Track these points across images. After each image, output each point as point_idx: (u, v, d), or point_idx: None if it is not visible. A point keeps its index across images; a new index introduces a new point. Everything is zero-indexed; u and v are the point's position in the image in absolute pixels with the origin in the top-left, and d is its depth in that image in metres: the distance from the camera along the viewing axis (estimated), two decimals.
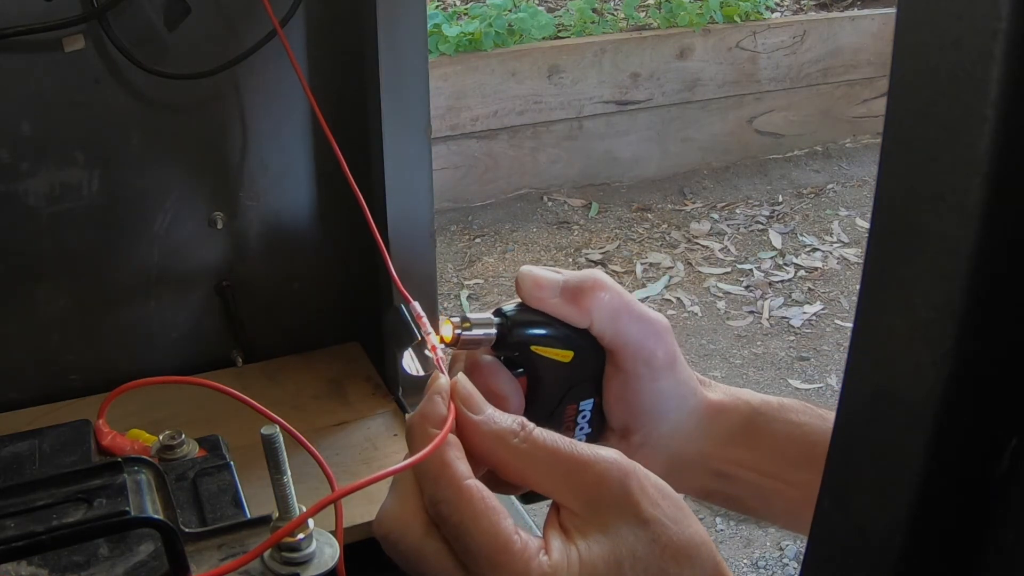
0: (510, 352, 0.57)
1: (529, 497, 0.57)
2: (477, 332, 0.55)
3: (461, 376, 0.51)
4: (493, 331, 0.55)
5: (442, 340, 0.55)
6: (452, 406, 0.49)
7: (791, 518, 0.61)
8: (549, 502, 0.49)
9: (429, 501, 0.46)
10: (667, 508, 0.46)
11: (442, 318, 0.56)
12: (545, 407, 0.58)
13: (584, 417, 0.59)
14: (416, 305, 0.57)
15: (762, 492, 0.60)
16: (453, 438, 0.47)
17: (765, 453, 0.60)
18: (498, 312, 0.57)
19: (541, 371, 0.57)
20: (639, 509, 0.45)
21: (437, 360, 0.54)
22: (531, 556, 0.44)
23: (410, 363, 0.55)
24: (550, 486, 0.47)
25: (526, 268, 0.57)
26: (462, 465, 0.46)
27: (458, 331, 0.55)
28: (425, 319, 0.56)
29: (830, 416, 0.60)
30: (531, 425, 0.48)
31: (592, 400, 0.59)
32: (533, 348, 0.56)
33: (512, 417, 0.49)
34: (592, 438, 0.61)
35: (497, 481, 0.50)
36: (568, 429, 0.59)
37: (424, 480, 0.47)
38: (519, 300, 0.57)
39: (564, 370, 0.57)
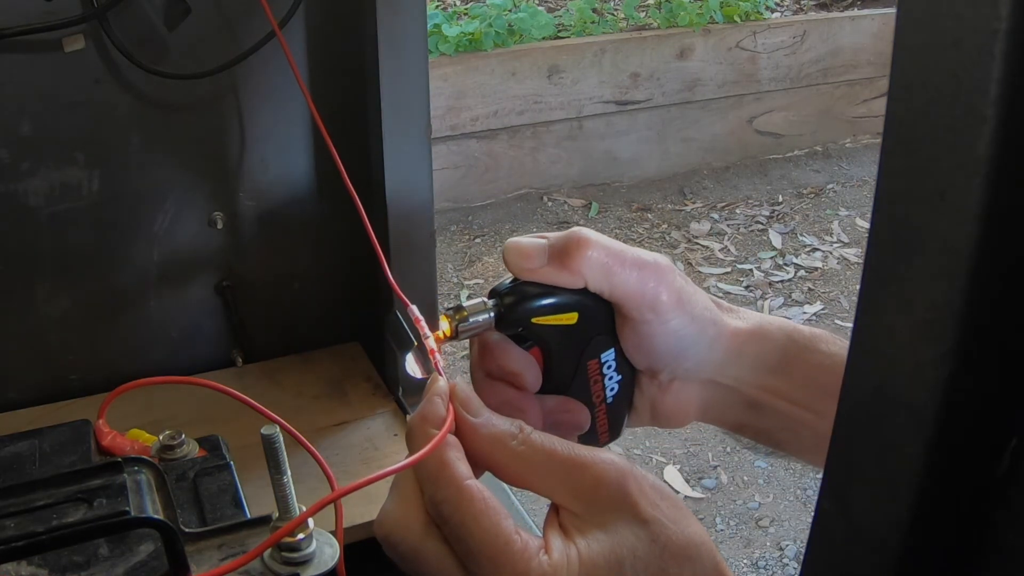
0: (514, 329, 0.56)
1: None
2: (474, 319, 0.55)
3: (460, 379, 0.51)
4: (490, 314, 0.55)
5: (443, 335, 0.55)
6: (451, 408, 0.49)
7: (817, 452, 0.59)
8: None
9: (429, 502, 0.46)
10: (666, 508, 0.46)
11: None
12: (564, 372, 0.58)
13: (609, 367, 0.59)
14: (413, 308, 0.57)
15: (792, 424, 0.59)
16: (453, 439, 0.48)
17: (798, 382, 0.59)
18: (493, 292, 0.56)
19: (550, 340, 0.57)
20: (638, 509, 0.45)
21: (435, 363, 0.54)
22: (531, 556, 0.44)
23: (413, 367, 0.55)
24: (548, 487, 0.47)
25: (511, 240, 0.56)
26: (462, 466, 0.46)
27: (455, 323, 0.55)
28: (423, 322, 0.56)
29: None
30: (529, 428, 0.48)
31: (612, 349, 0.59)
32: (534, 321, 0.56)
33: (510, 420, 0.49)
34: (624, 383, 0.60)
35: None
36: (596, 383, 0.59)
37: (424, 481, 0.47)
38: (511, 276, 0.57)
39: (572, 333, 0.57)
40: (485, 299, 0.56)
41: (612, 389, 0.60)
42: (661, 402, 0.61)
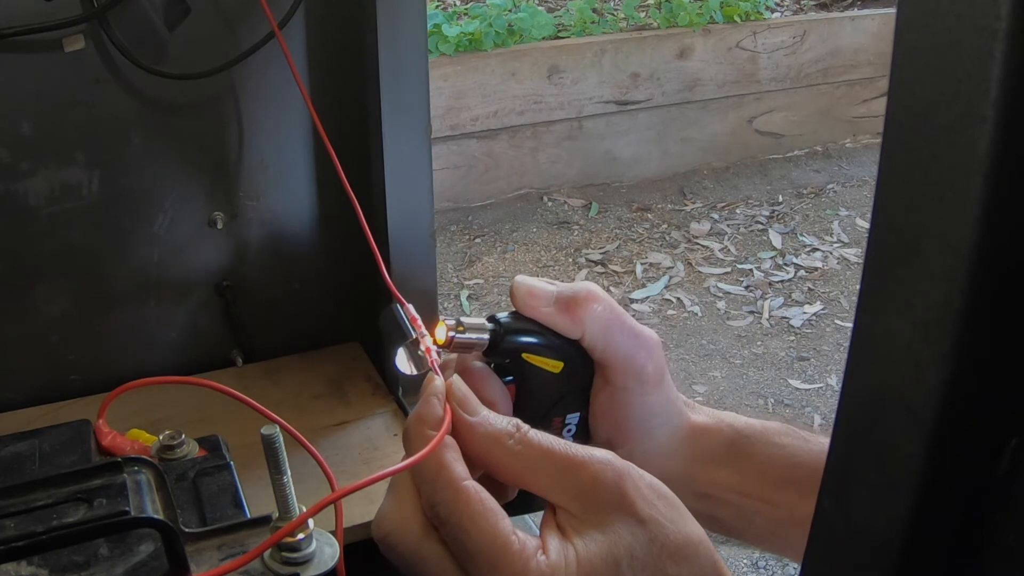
0: (501, 359, 0.57)
1: (516, 508, 0.57)
2: (470, 336, 0.55)
3: (456, 378, 0.51)
4: (486, 336, 0.56)
5: (435, 342, 0.55)
6: (448, 408, 0.49)
7: (773, 539, 0.62)
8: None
9: (427, 503, 0.46)
10: (663, 507, 0.46)
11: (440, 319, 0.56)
12: (532, 417, 0.58)
13: (569, 431, 0.60)
14: (410, 308, 0.57)
15: (744, 513, 0.61)
16: (450, 440, 0.48)
17: (748, 475, 0.60)
18: (492, 318, 0.57)
19: (531, 380, 0.57)
20: (635, 509, 0.46)
21: (432, 362, 0.54)
22: (529, 556, 0.44)
23: (403, 362, 0.55)
24: (545, 487, 0.47)
25: (520, 278, 0.57)
26: (459, 467, 0.46)
27: (451, 333, 0.55)
28: (419, 320, 0.56)
29: (812, 438, 0.61)
30: (526, 427, 0.49)
31: (579, 414, 0.59)
32: (524, 356, 0.57)
33: (507, 419, 0.49)
34: None
35: (492, 484, 0.50)
36: None
37: (422, 482, 0.47)
38: (513, 309, 0.58)
39: (553, 380, 0.58)
40: (485, 321, 0.57)
41: None
42: None
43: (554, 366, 0.57)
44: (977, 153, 0.25)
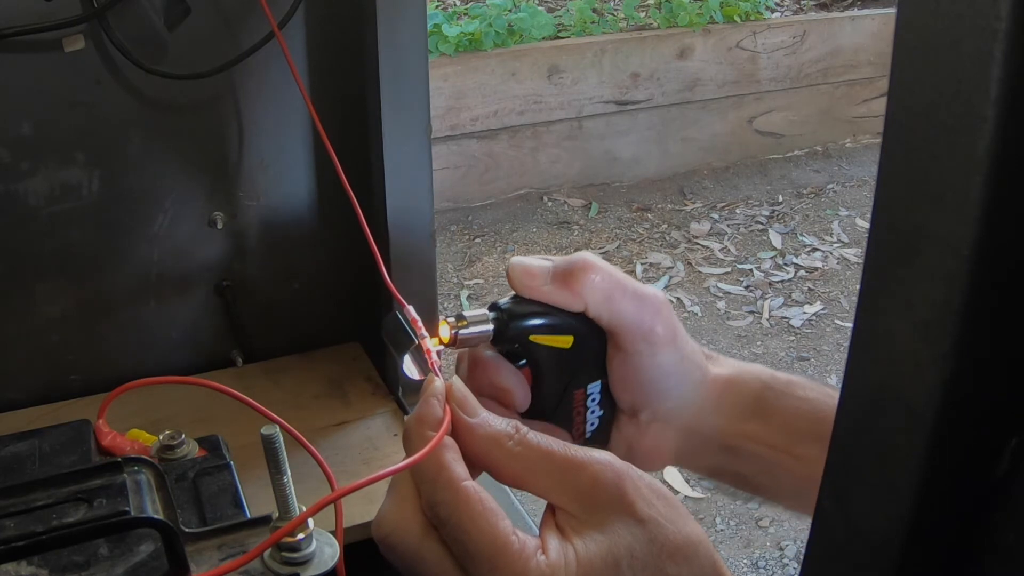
0: (509, 345, 0.57)
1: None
2: (474, 329, 0.55)
3: (456, 379, 0.51)
4: (490, 327, 0.56)
5: (440, 341, 0.55)
6: (448, 409, 0.49)
7: (797, 496, 0.61)
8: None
9: (427, 503, 0.46)
10: (662, 508, 0.46)
11: (441, 319, 0.56)
12: (552, 396, 0.58)
13: (593, 400, 0.59)
14: (411, 309, 0.57)
15: (770, 468, 0.60)
16: (450, 440, 0.48)
17: (775, 427, 0.60)
18: (493, 306, 0.57)
19: (543, 360, 0.57)
20: (635, 509, 0.46)
21: (432, 363, 0.54)
22: (529, 556, 0.44)
23: (410, 368, 0.55)
24: (545, 488, 0.47)
25: (516, 259, 0.57)
26: (459, 467, 0.46)
27: (454, 330, 0.55)
28: (420, 323, 0.56)
29: (837, 393, 0.60)
30: (525, 428, 0.49)
31: (599, 382, 0.59)
32: (532, 338, 0.56)
33: (506, 420, 0.49)
34: (605, 420, 0.60)
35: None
36: (579, 414, 0.59)
37: (422, 482, 0.47)
38: (513, 293, 0.57)
39: (566, 356, 0.57)
40: (486, 311, 0.56)
41: (592, 424, 0.60)
42: (638, 443, 0.61)
43: (564, 342, 0.57)
44: (977, 153, 0.25)
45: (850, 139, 3.93)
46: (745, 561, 2.05)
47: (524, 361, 0.57)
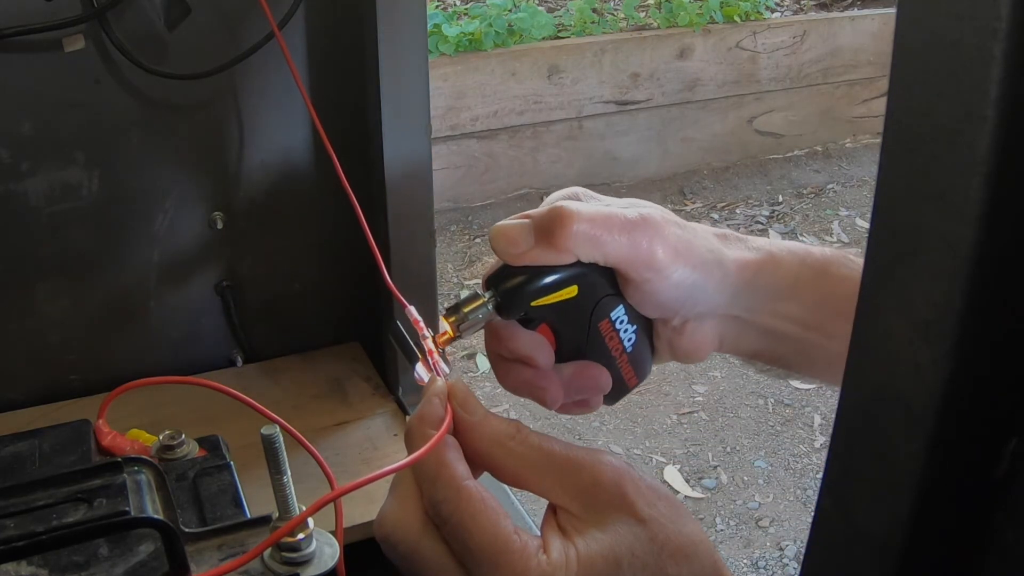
0: (516, 315, 0.56)
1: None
2: (474, 316, 0.55)
3: (458, 379, 0.51)
4: (488, 307, 0.55)
5: (447, 338, 0.55)
6: (449, 408, 0.49)
7: (831, 372, 0.59)
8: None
9: (428, 502, 0.46)
10: (663, 508, 0.46)
11: (442, 319, 0.56)
12: (576, 340, 0.58)
13: (622, 322, 0.59)
14: (412, 310, 0.57)
15: (804, 347, 0.60)
16: (452, 440, 0.48)
17: (809, 306, 0.59)
18: (487, 282, 0.56)
19: (555, 316, 0.56)
20: (635, 509, 0.46)
21: (434, 363, 0.54)
22: (530, 555, 0.44)
23: (423, 374, 0.55)
24: (546, 487, 0.47)
25: (497, 225, 0.55)
26: (461, 466, 0.46)
27: (455, 323, 0.55)
28: (422, 323, 0.56)
29: None
30: (526, 428, 0.49)
31: (621, 306, 0.58)
32: (535, 304, 0.55)
33: (508, 420, 0.49)
34: (641, 333, 0.60)
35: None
36: (612, 339, 0.59)
37: (423, 481, 0.47)
38: (501, 262, 0.56)
39: (576, 304, 0.56)
40: (479, 291, 0.56)
41: (630, 339, 0.60)
42: (679, 342, 0.61)
43: (568, 293, 0.56)
44: (977, 153, 0.25)
45: (850, 139, 3.92)
46: (745, 561, 2.05)
47: (537, 322, 0.57)
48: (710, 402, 2.52)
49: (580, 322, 0.57)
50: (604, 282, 0.57)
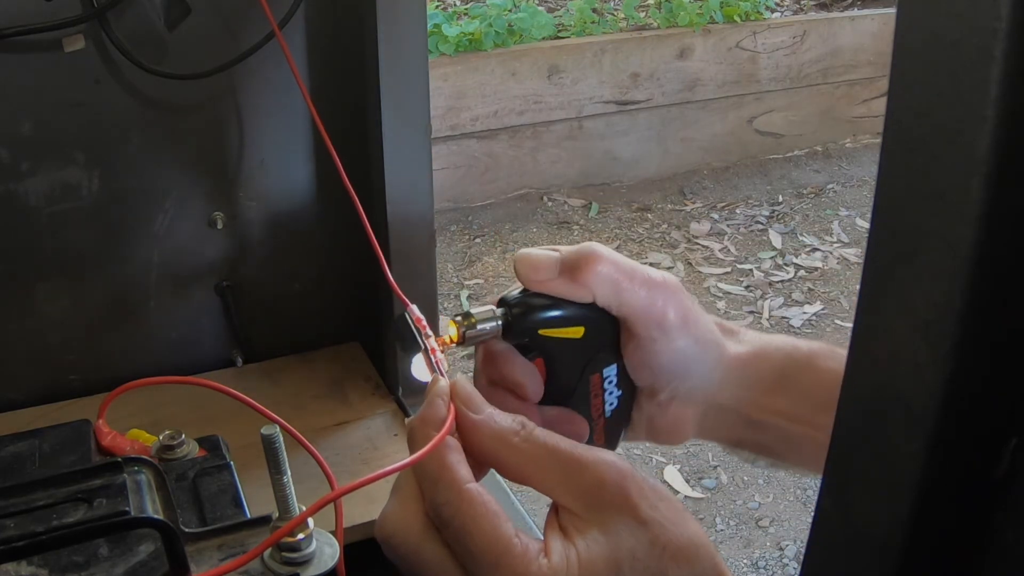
0: (520, 339, 0.56)
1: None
2: (482, 327, 0.55)
3: (461, 377, 0.51)
4: (498, 323, 0.56)
5: (449, 340, 0.55)
6: (452, 407, 0.49)
7: (819, 462, 0.60)
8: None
9: (430, 504, 0.46)
10: (665, 510, 0.46)
11: (443, 319, 0.56)
12: (566, 384, 0.58)
13: (611, 382, 0.59)
14: (414, 308, 0.57)
15: (791, 438, 0.60)
16: (454, 442, 0.47)
17: (796, 399, 0.59)
18: (501, 302, 0.57)
19: (554, 351, 0.57)
20: (637, 511, 0.45)
21: (436, 362, 0.54)
22: (531, 559, 0.44)
23: (420, 369, 0.55)
24: (549, 485, 0.47)
25: (522, 251, 0.56)
26: (463, 469, 0.46)
27: (463, 329, 0.55)
28: (424, 322, 0.56)
29: None
30: (531, 424, 0.48)
31: (615, 365, 0.59)
32: (541, 332, 0.56)
33: (512, 416, 0.49)
34: (624, 400, 0.60)
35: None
36: (596, 397, 0.59)
37: (425, 483, 0.47)
38: (520, 286, 0.57)
39: (578, 345, 0.57)
40: (494, 307, 0.56)
41: (612, 404, 0.60)
42: (659, 419, 0.61)
43: (575, 332, 0.56)
44: (977, 153, 0.25)
45: (850, 139, 3.92)
46: (745, 561, 2.05)
47: (536, 353, 0.57)
48: None
49: (574, 367, 0.58)
50: (609, 336, 0.58)
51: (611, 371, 0.59)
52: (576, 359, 0.58)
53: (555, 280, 0.56)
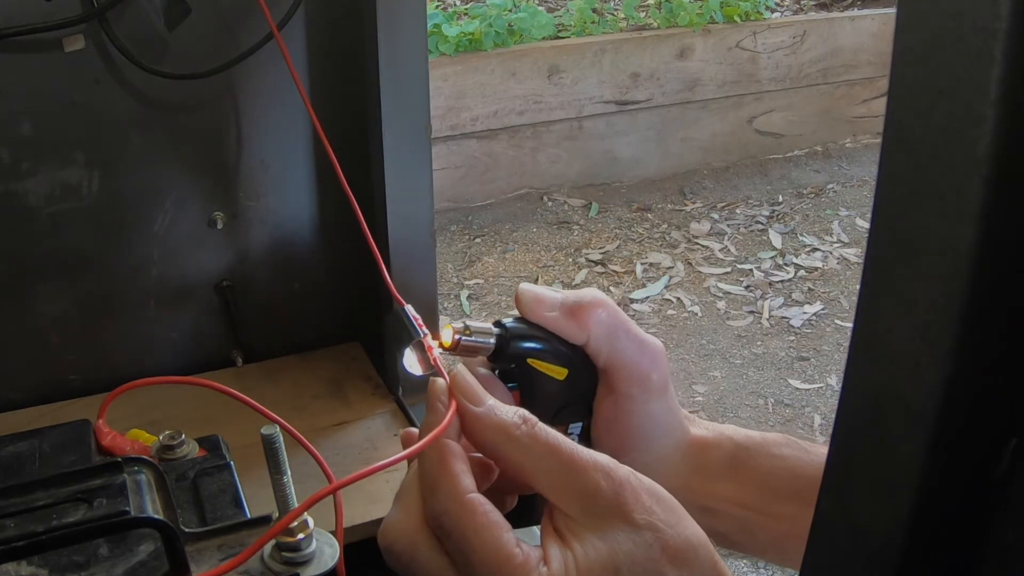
0: (507, 364, 0.57)
1: (517, 519, 0.57)
2: (477, 339, 0.56)
3: (460, 368, 0.51)
4: (492, 340, 0.56)
5: (441, 344, 0.55)
6: (452, 402, 0.49)
7: (776, 550, 0.62)
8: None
9: (431, 513, 0.46)
10: (661, 512, 0.46)
11: (443, 321, 0.56)
12: None
13: (573, 439, 0.60)
14: (410, 308, 0.57)
15: (747, 526, 0.61)
16: (458, 450, 0.47)
17: (749, 488, 0.61)
18: (498, 323, 0.57)
19: (535, 386, 0.58)
20: (632, 518, 0.45)
21: (435, 360, 0.54)
22: (531, 568, 0.44)
23: (411, 363, 0.55)
24: (547, 483, 0.47)
25: (526, 285, 0.58)
26: (466, 479, 0.46)
27: (458, 336, 0.55)
28: (420, 320, 0.56)
29: (813, 449, 0.61)
30: (533, 419, 0.48)
31: (581, 424, 0.60)
32: (529, 361, 0.57)
33: (514, 409, 0.49)
34: None
35: (496, 492, 0.50)
36: None
37: (427, 493, 0.47)
38: (518, 315, 0.58)
39: (558, 387, 0.58)
40: (491, 326, 0.57)
41: None
42: None
43: (559, 372, 0.57)
44: (977, 153, 0.25)
45: (850, 139, 3.93)
46: (745, 561, 2.05)
47: (515, 384, 0.58)
48: (710, 402, 2.52)
49: (548, 409, 0.58)
50: (587, 387, 0.59)
51: (576, 428, 0.60)
52: (552, 401, 0.58)
53: (554, 315, 0.57)
